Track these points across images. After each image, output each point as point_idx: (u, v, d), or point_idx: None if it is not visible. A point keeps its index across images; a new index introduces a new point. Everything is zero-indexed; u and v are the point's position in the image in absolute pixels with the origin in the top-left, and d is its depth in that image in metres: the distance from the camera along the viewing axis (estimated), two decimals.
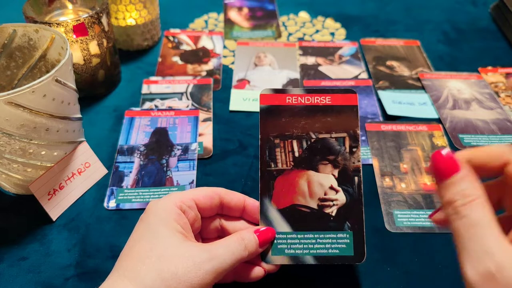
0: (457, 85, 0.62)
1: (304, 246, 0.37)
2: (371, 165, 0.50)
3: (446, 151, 0.27)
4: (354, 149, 0.39)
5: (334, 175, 0.38)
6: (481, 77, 0.64)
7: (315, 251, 0.37)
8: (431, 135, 0.54)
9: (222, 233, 0.39)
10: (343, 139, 0.39)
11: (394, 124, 0.55)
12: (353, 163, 0.39)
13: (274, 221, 0.38)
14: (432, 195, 0.47)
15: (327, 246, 0.37)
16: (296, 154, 0.39)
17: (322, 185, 0.38)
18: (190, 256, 0.31)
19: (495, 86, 0.63)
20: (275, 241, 0.37)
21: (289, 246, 0.37)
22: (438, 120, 0.57)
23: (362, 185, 0.38)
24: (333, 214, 0.38)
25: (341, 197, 0.38)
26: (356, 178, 0.38)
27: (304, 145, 0.39)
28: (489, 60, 0.68)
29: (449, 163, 0.26)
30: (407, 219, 0.45)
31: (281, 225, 0.38)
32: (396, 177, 0.49)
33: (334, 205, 0.38)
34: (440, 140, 0.53)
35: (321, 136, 0.39)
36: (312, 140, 0.39)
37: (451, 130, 0.55)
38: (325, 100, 0.39)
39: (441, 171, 0.26)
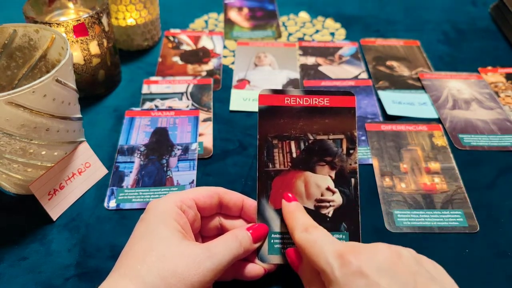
0: (457, 85, 0.63)
1: None
2: (371, 165, 0.51)
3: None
4: (351, 151, 0.39)
5: (331, 177, 0.39)
6: (481, 77, 0.64)
7: None
8: (431, 135, 0.54)
9: (221, 232, 0.39)
10: (340, 140, 0.39)
11: (394, 124, 0.55)
12: (350, 164, 0.39)
13: (271, 221, 0.38)
14: (432, 195, 0.47)
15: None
16: (294, 155, 0.39)
17: (319, 186, 0.38)
18: (190, 254, 0.32)
19: (495, 86, 0.63)
20: (272, 241, 0.37)
21: (285, 246, 0.37)
22: (438, 120, 0.57)
23: (358, 187, 0.38)
24: (330, 215, 0.38)
25: (337, 198, 0.38)
26: (352, 180, 0.38)
27: (302, 146, 0.39)
28: (489, 60, 0.68)
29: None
30: (407, 219, 0.45)
31: (278, 225, 0.38)
32: (396, 177, 0.49)
33: (330, 206, 0.38)
34: (440, 140, 0.53)
35: (318, 137, 0.39)
36: (310, 141, 0.39)
37: (451, 130, 0.55)
38: (323, 101, 0.40)
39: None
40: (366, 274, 0.29)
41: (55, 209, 0.45)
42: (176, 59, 0.68)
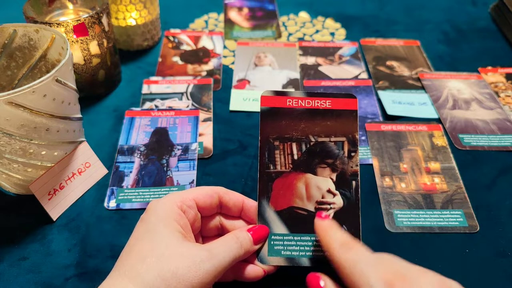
0: (457, 85, 0.63)
1: (301, 248, 0.37)
2: (371, 165, 0.51)
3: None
4: (352, 154, 0.39)
5: (332, 179, 0.39)
6: (481, 77, 0.64)
7: (311, 253, 0.37)
8: (431, 135, 0.54)
9: (222, 232, 0.39)
10: (342, 143, 0.39)
11: (394, 124, 0.55)
12: (351, 167, 0.39)
13: (271, 222, 0.38)
14: (432, 195, 0.47)
15: (323, 248, 0.37)
16: (295, 157, 0.39)
17: (319, 188, 0.38)
18: (190, 255, 0.31)
19: (495, 86, 0.63)
20: (272, 242, 0.37)
21: (285, 248, 0.37)
22: (438, 120, 0.57)
23: (359, 189, 0.38)
24: (330, 217, 0.38)
25: (338, 201, 0.38)
26: (353, 182, 0.38)
27: (303, 148, 0.39)
28: (489, 60, 0.68)
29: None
30: (407, 219, 0.45)
31: (278, 226, 0.38)
32: (396, 177, 0.49)
33: (331, 208, 0.38)
34: (440, 140, 0.53)
35: (320, 139, 0.39)
36: (311, 144, 0.39)
37: (451, 130, 0.55)
38: (325, 104, 0.40)
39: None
40: None
41: (55, 209, 0.45)
42: (176, 59, 0.68)
